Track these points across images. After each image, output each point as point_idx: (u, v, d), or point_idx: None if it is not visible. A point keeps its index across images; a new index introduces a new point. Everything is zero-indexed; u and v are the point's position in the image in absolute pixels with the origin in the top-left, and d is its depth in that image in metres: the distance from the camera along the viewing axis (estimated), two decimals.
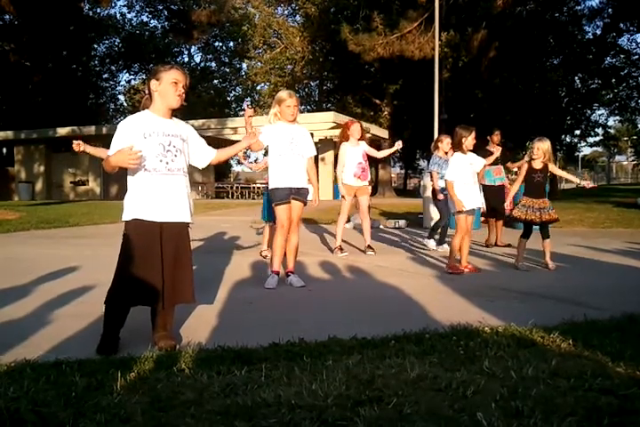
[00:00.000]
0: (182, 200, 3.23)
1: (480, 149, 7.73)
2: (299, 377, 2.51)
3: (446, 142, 7.75)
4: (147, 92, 3.28)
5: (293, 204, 5.14)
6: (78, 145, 4.34)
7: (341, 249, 7.25)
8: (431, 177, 7.77)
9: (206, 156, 3.45)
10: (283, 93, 5.18)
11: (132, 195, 3.17)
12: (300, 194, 5.15)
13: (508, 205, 6.26)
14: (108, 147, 3.22)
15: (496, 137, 8.46)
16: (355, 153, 7.27)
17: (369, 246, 7.30)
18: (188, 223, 3.30)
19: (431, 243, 7.74)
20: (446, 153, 7.81)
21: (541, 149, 6.01)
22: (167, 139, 3.17)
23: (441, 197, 7.58)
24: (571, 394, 2.27)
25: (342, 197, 7.41)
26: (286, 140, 5.09)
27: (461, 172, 5.91)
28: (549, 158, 6.08)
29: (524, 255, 6.17)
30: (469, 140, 5.92)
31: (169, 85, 3.15)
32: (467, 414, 2.09)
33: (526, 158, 6.28)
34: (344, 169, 7.29)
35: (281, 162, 5.10)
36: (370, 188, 7.67)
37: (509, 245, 8.03)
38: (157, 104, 3.22)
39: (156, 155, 3.14)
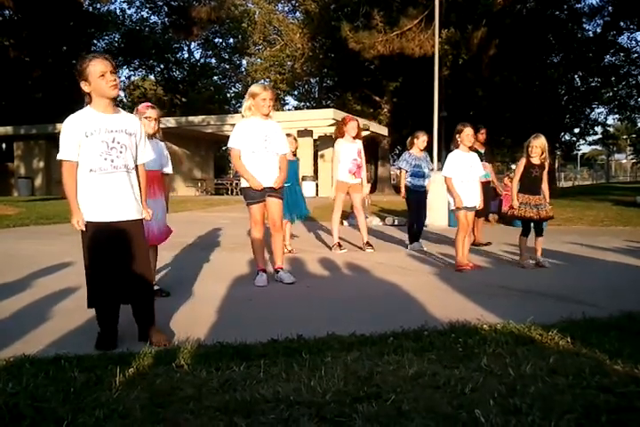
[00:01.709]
0: (130, 198, 3.17)
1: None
2: (297, 373, 2.52)
3: (422, 140, 7.72)
4: (83, 92, 3.15)
5: (271, 202, 5.07)
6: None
7: (340, 246, 7.22)
8: (399, 173, 7.78)
9: (140, 157, 3.31)
10: (257, 86, 5.06)
11: (81, 197, 3.10)
12: (275, 191, 5.06)
13: (515, 205, 6.14)
14: None
15: (481, 135, 8.28)
16: (350, 149, 7.20)
17: (367, 243, 7.28)
18: (141, 219, 3.25)
19: (416, 246, 7.62)
20: (421, 150, 7.79)
21: (539, 146, 6.00)
22: (110, 135, 3.09)
23: (403, 193, 7.62)
24: (569, 392, 2.28)
25: (335, 195, 7.31)
26: (260, 138, 4.96)
27: (459, 169, 5.88)
28: (546, 157, 6.08)
29: (527, 253, 6.15)
30: (463, 137, 5.88)
31: (98, 80, 3.04)
32: (465, 411, 2.09)
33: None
34: (339, 166, 7.22)
35: (254, 160, 4.98)
36: (369, 185, 7.63)
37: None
38: (96, 101, 3.11)
39: (99, 153, 3.07)
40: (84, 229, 3.07)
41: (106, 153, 3.08)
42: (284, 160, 5.16)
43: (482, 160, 8.08)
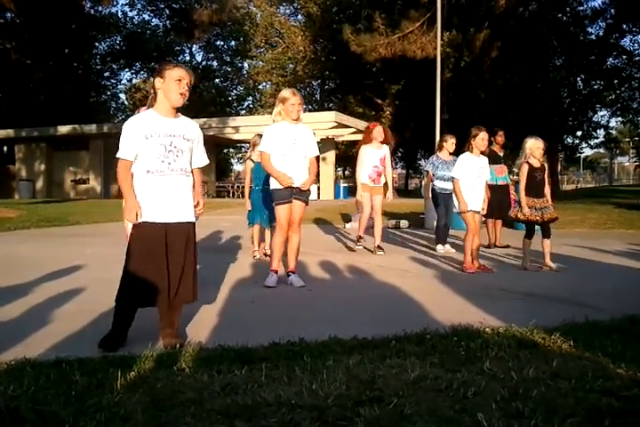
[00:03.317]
0: (186, 200, 3.24)
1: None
2: (299, 377, 2.51)
3: (451, 142, 7.75)
4: (152, 91, 3.27)
5: (295, 204, 5.12)
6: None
7: (359, 240, 7.47)
8: (426, 176, 7.85)
9: (195, 161, 3.37)
10: (286, 92, 5.15)
11: (138, 197, 3.16)
12: (301, 194, 5.12)
13: (526, 211, 6.05)
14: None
15: (500, 138, 8.40)
16: (373, 156, 7.32)
17: (378, 246, 7.27)
18: (193, 223, 3.30)
19: (439, 247, 7.64)
20: (451, 154, 7.81)
21: (542, 148, 6.00)
22: (169, 139, 3.17)
23: (428, 195, 7.68)
24: (572, 395, 2.27)
25: (359, 195, 7.45)
26: (289, 141, 5.06)
27: (467, 173, 5.87)
28: (544, 159, 6.09)
29: (529, 256, 6.13)
30: (477, 141, 5.90)
31: (173, 82, 3.15)
32: (467, 415, 2.08)
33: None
34: (361, 170, 7.34)
35: (283, 162, 5.06)
36: (391, 191, 7.68)
37: (508, 246, 8.02)
38: (161, 103, 3.21)
39: (157, 156, 3.14)
40: (139, 221, 3.12)
41: (163, 156, 3.15)
42: (314, 163, 5.25)
43: (500, 163, 8.20)
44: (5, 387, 2.34)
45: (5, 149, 31.44)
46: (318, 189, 24.15)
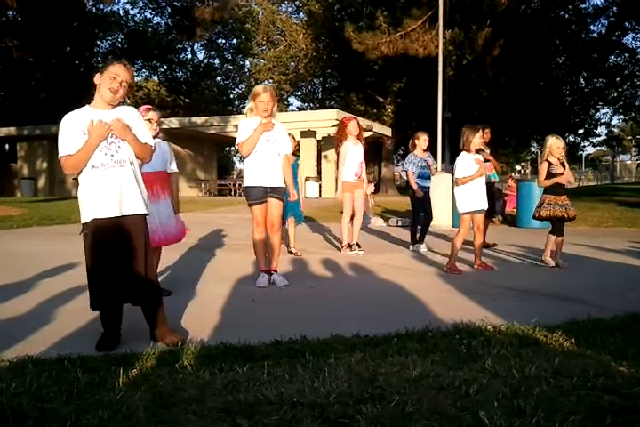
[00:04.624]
0: (134, 191, 3.16)
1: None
2: (301, 375, 2.51)
3: (423, 139, 7.67)
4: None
5: (272, 202, 5.06)
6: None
7: (350, 247, 7.16)
8: (407, 176, 7.70)
9: (142, 139, 3.24)
10: (258, 88, 5.04)
11: (85, 194, 3.11)
12: (276, 192, 5.06)
13: (545, 214, 6.03)
14: None
15: (486, 135, 8.21)
16: (356, 152, 7.16)
17: (357, 244, 7.17)
18: (144, 214, 3.22)
19: (421, 247, 7.56)
20: (424, 151, 7.74)
21: (563, 147, 6.03)
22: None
23: (420, 193, 7.52)
24: (573, 393, 2.27)
25: (342, 194, 7.21)
26: (263, 138, 4.96)
27: (470, 171, 5.86)
28: (564, 156, 6.09)
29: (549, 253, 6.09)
30: (477, 140, 5.89)
31: (107, 78, 3.10)
32: (469, 413, 2.08)
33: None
34: (344, 168, 7.14)
35: (256, 159, 5.00)
36: (372, 185, 7.56)
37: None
38: (97, 98, 3.17)
39: (100, 149, 3.07)
40: (90, 218, 3.07)
41: (106, 148, 3.09)
42: (287, 163, 5.18)
43: (489, 161, 8.10)
44: (8, 384, 2.35)
45: (7, 147, 31.44)
46: (320, 186, 24.12)
